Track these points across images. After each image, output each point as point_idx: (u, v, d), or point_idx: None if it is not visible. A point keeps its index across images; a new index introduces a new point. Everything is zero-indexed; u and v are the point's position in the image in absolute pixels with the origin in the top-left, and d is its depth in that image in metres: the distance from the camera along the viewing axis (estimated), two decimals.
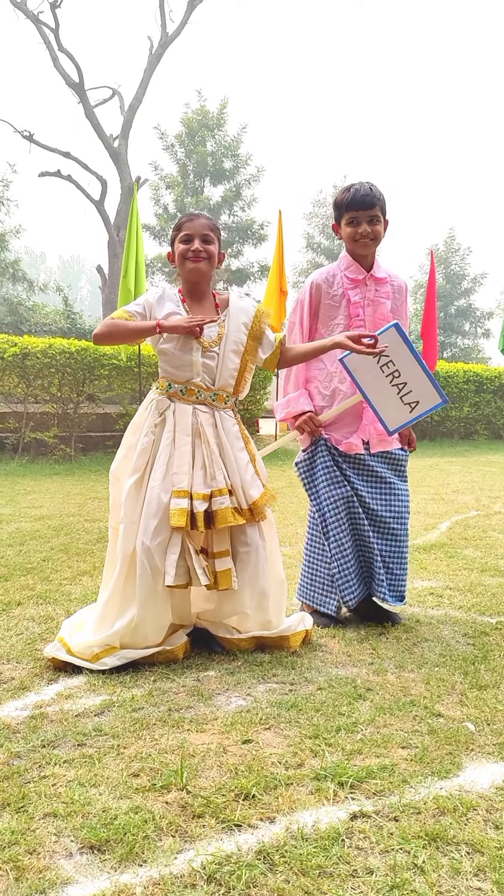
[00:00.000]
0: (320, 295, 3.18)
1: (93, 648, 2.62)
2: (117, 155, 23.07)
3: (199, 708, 2.31)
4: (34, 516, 5.83)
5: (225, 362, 2.78)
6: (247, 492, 2.75)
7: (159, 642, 2.71)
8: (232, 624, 2.87)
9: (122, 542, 2.70)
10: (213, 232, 2.79)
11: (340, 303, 3.16)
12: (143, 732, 2.13)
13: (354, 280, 3.16)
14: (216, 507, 2.66)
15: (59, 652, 2.63)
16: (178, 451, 2.70)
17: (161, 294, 2.85)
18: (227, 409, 2.82)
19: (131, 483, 2.72)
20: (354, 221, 3.11)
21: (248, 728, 2.16)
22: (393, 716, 2.26)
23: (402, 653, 2.84)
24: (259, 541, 2.79)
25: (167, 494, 2.65)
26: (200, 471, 2.70)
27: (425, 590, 3.77)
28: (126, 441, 2.88)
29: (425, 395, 3.00)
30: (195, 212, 2.82)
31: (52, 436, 9.99)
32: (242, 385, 2.86)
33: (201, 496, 2.66)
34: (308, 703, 2.33)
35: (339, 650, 2.87)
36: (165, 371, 2.81)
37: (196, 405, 2.76)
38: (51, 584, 3.77)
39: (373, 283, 3.18)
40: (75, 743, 2.06)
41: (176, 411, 2.75)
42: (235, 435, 2.80)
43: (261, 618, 2.82)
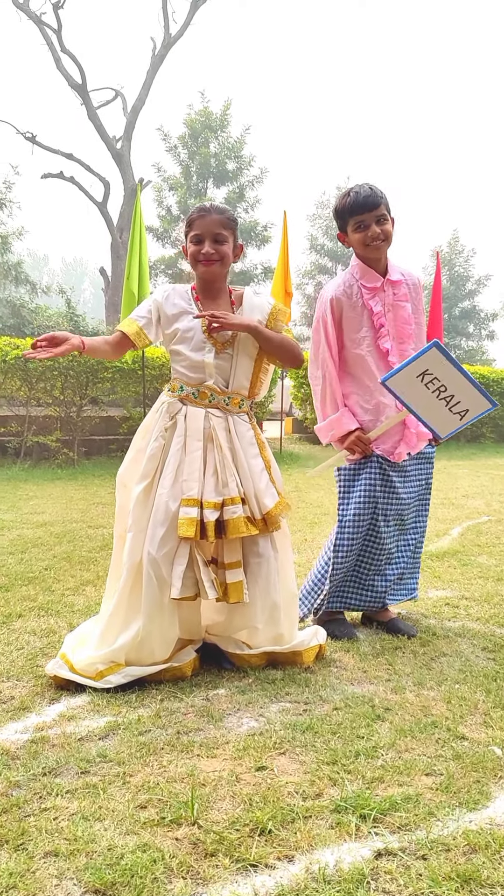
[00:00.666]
0: (342, 309, 3.06)
1: (97, 665, 2.51)
2: (120, 156, 23.01)
3: (209, 730, 2.19)
4: (36, 522, 5.72)
5: (239, 364, 2.66)
6: (261, 501, 2.64)
7: (166, 658, 2.59)
8: (242, 639, 2.75)
9: (129, 552, 2.58)
10: (227, 228, 2.66)
11: (362, 314, 3.04)
12: (150, 758, 2.01)
13: (372, 289, 3.04)
14: (228, 516, 2.55)
15: (62, 669, 2.51)
16: (189, 456, 2.59)
17: (170, 292, 2.73)
18: (242, 414, 2.71)
19: (140, 490, 2.61)
20: (362, 225, 2.98)
21: (262, 753, 2.04)
22: (414, 739, 2.14)
23: (420, 668, 2.72)
24: (271, 552, 2.68)
25: (176, 502, 2.54)
26: (212, 478, 2.59)
27: (441, 600, 3.65)
28: (135, 444, 2.77)
29: (474, 403, 2.94)
30: (207, 205, 2.68)
31: (54, 440, 9.88)
32: (258, 387, 2.75)
33: (212, 505, 2.54)
34: (324, 725, 2.21)
35: (355, 666, 2.75)
36: (177, 372, 2.69)
37: (209, 409, 2.64)
38: (53, 594, 3.66)
39: (390, 287, 3.07)
40: (78, 770, 1.95)
41: (188, 415, 2.64)
42: (250, 441, 2.69)
43: (272, 632, 2.70)
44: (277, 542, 2.72)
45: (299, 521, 5.85)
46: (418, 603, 3.59)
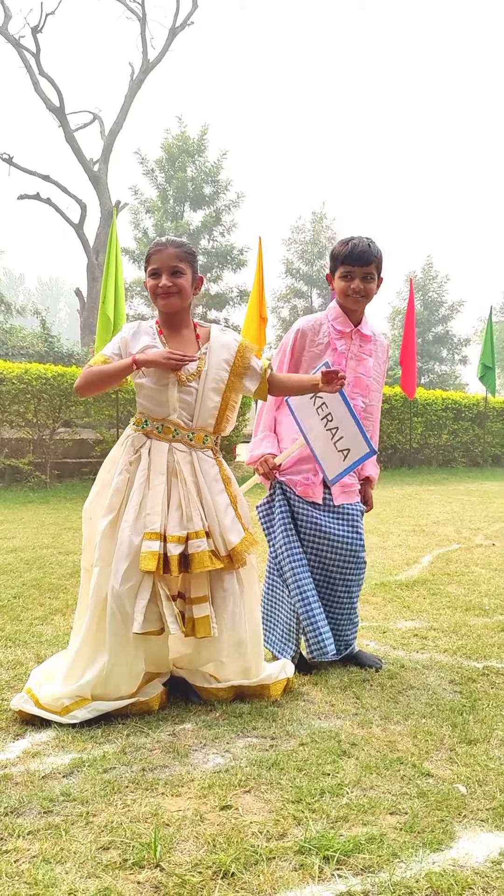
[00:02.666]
0: (304, 342, 3.10)
1: (62, 700, 2.49)
2: (97, 179, 23.08)
3: (174, 767, 2.18)
4: (6, 548, 5.67)
5: (204, 400, 2.66)
6: (226, 537, 2.63)
7: (133, 692, 2.57)
8: (209, 672, 2.74)
9: (95, 587, 2.57)
10: (184, 261, 2.66)
11: (325, 352, 3.09)
12: (114, 797, 1.99)
13: (341, 332, 3.09)
14: (192, 549, 2.54)
15: (27, 704, 2.48)
16: (152, 490, 2.58)
17: (136, 329, 2.74)
18: (206, 450, 2.70)
19: (105, 524, 2.60)
20: (349, 276, 3.02)
21: (227, 791, 2.03)
22: (380, 776, 2.15)
23: (386, 702, 2.73)
24: (237, 587, 2.67)
25: (139, 536, 2.53)
26: (176, 512, 2.58)
27: (409, 631, 3.67)
28: (100, 478, 2.76)
29: (355, 444, 2.93)
30: (164, 240, 2.68)
31: (27, 462, 9.82)
32: (224, 424, 2.75)
33: (176, 538, 2.54)
34: (290, 762, 2.21)
35: (322, 699, 2.75)
36: (142, 406, 2.69)
37: (173, 443, 2.64)
38: (21, 623, 3.62)
39: (358, 337, 3.12)
40: (41, 810, 1.92)
41: (152, 449, 2.64)
42: (214, 477, 2.69)
43: (239, 665, 2.70)
44: (243, 578, 2.72)
45: None
46: (386, 634, 3.60)
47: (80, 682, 2.52)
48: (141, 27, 23.33)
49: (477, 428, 15.79)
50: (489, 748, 2.35)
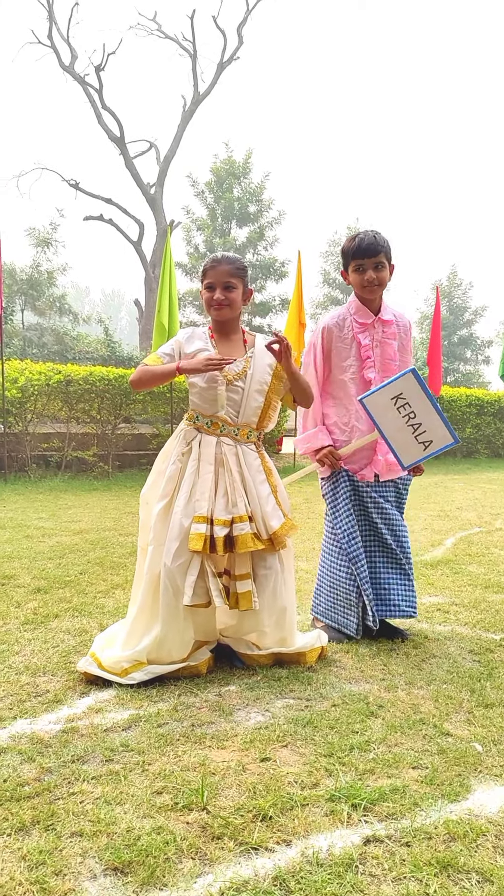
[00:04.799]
0: (332, 338, 3.10)
1: (122, 663, 2.54)
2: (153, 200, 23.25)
3: (220, 724, 2.21)
4: (74, 530, 5.77)
5: (249, 399, 2.69)
6: (267, 522, 2.66)
7: (184, 658, 2.62)
8: (252, 640, 2.77)
9: (150, 564, 2.62)
10: (235, 277, 2.70)
11: (351, 345, 3.08)
12: (166, 749, 2.04)
13: (363, 324, 3.07)
14: (237, 532, 2.57)
15: (91, 666, 2.55)
16: (202, 479, 2.62)
17: (191, 334, 2.79)
18: (250, 444, 2.73)
19: (160, 508, 2.65)
20: (361, 268, 3.01)
21: (266, 745, 2.06)
22: (404, 734, 2.15)
23: (411, 669, 2.73)
24: (278, 565, 2.70)
25: (188, 520, 2.57)
26: (222, 498, 2.61)
27: (433, 605, 3.65)
28: (156, 467, 2.81)
29: (439, 436, 2.93)
30: (219, 256, 2.71)
31: (91, 454, 9.96)
32: (266, 421, 2.78)
33: (222, 522, 2.57)
34: (323, 721, 2.23)
35: (353, 666, 2.76)
36: (194, 404, 2.74)
37: (221, 437, 2.68)
38: (86, 596, 3.70)
39: (380, 325, 3.10)
40: (103, 759, 1.98)
41: (202, 442, 2.68)
42: (257, 468, 2.71)
43: (278, 635, 2.72)
44: (283, 558, 2.74)
45: (309, 531, 5.86)
46: None
47: (137, 647, 2.57)
48: (192, 63, 23.42)
49: (498, 422, 15.52)
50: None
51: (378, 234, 3.01)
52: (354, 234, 3.04)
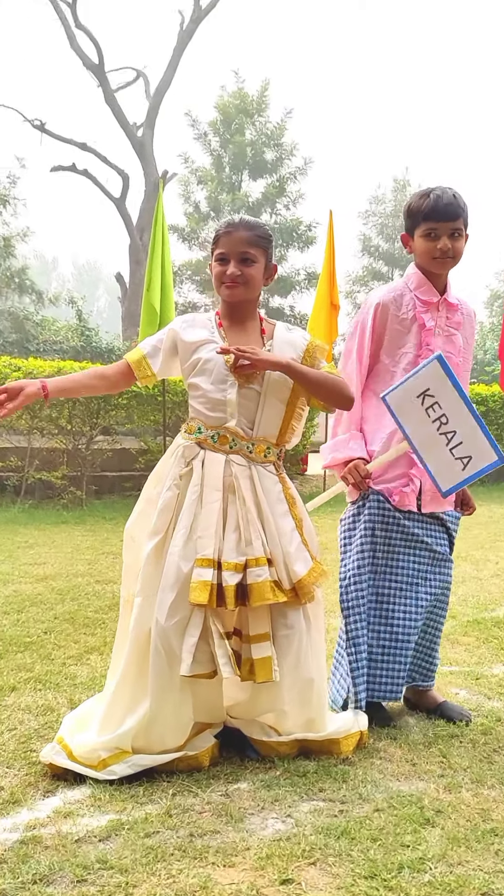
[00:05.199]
0: (386, 317, 3.10)
1: (99, 752, 2.55)
2: (141, 146, 23.50)
3: (227, 833, 2.21)
4: (36, 576, 5.81)
5: (266, 406, 2.72)
6: (290, 567, 2.67)
7: (180, 745, 2.62)
8: (269, 723, 2.77)
9: (137, 620, 2.64)
10: (256, 247, 2.72)
11: (411, 328, 3.08)
12: (157, 866, 2.04)
13: (427, 303, 3.09)
14: (252, 579, 2.58)
15: (59, 756, 2.55)
16: (206, 509, 2.64)
17: (191, 320, 2.83)
18: (268, 464, 2.76)
19: (151, 547, 2.67)
20: (433, 234, 3.02)
21: (288, 863, 2.05)
22: (470, 849, 2.14)
23: (479, 762, 2.72)
24: (303, 623, 2.70)
25: (188, 563, 2.59)
26: (233, 534, 2.63)
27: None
28: (145, 494, 2.83)
29: (478, 451, 2.88)
30: (237, 219, 2.74)
31: (60, 476, 10.02)
32: (289, 435, 2.81)
33: (233, 566, 2.58)
34: (363, 830, 2.22)
35: (401, 757, 2.75)
36: (195, 411, 2.76)
37: (230, 455, 2.70)
38: (53, 663, 3.71)
39: (445, 308, 3.12)
40: (74, 878, 1.98)
41: (206, 461, 2.69)
42: (277, 496, 2.73)
43: (303, 716, 2.72)
44: (310, 613, 2.75)
45: None
46: (479, 681, 3.57)
47: (118, 731, 2.58)
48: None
49: None
50: None
51: (458, 194, 3.03)
52: (426, 189, 3.06)
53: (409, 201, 3.09)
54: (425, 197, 3.01)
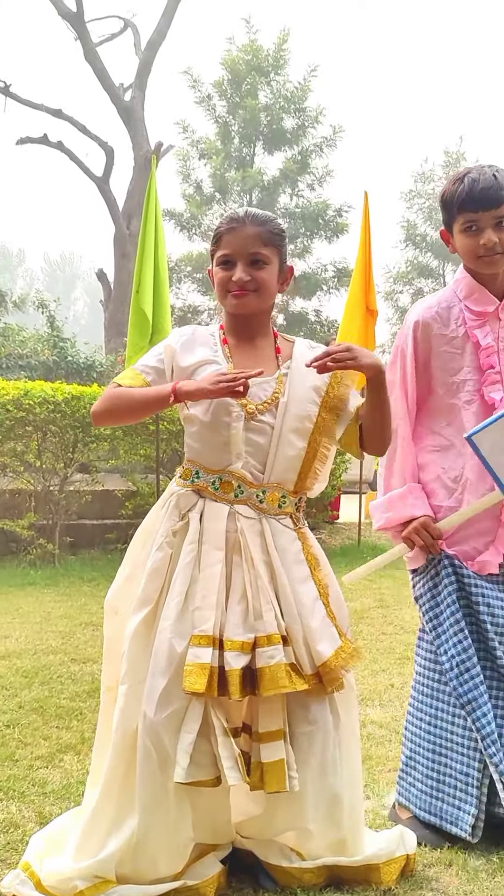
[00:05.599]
0: (430, 339, 3.12)
1: (75, 883, 2.54)
2: (129, 112, 23.75)
3: None
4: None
5: (282, 444, 2.72)
6: (313, 646, 2.66)
7: (177, 873, 2.61)
8: (290, 844, 2.76)
9: (123, 713, 2.64)
10: (268, 246, 2.74)
11: (464, 348, 3.10)
12: None
13: (481, 314, 3.10)
14: (262, 662, 2.57)
15: (24, 887, 2.55)
16: (205, 573, 2.64)
17: (190, 336, 2.84)
18: (284, 517, 2.76)
19: (138, 621, 2.67)
20: (473, 227, 3.02)
21: None
22: None
23: None
24: (329, 719, 2.69)
25: (183, 641, 2.58)
26: (238, 605, 2.63)
27: None
28: (131, 555, 2.84)
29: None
30: (241, 213, 2.77)
31: (26, 525, 10.01)
32: (311, 480, 2.82)
33: (239, 645, 2.58)
34: None
35: (459, 888, 2.73)
36: (192, 450, 2.78)
37: (235, 505, 2.71)
38: (17, 766, 3.71)
39: None
40: None
41: (205, 513, 2.71)
42: (295, 557, 2.74)
43: (332, 835, 2.71)
44: (339, 704, 2.74)
45: (385, 654, 5.83)
46: None
47: (99, 855, 2.57)
48: None
49: None
50: None
51: (500, 173, 3.02)
52: (461, 172, 3.07)
53: (443, 189, 3.11)
54: (458, 182, 3.03)
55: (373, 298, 10.21)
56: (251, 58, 24.08)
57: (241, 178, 23.43)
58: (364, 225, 10.32)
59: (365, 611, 7.44)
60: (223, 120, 24.56)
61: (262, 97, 24.17)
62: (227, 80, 24.23)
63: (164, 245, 9.06)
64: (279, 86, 24.37)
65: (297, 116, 24.39)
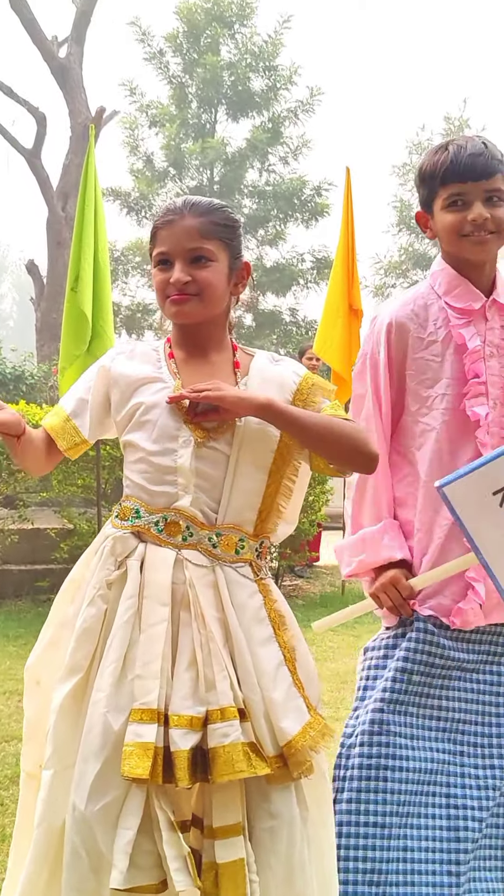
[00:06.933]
0: (406, 343, 3.11)
1: None
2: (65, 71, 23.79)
3: None
4: None
5: (239, 475, 2.71)
6: (275, 723, 2.64)
7: None
8: None
9: (47, 805, 2.62)
10: (211, 240, 2.73)
11: (444, 355, 3.08)
12: None
13: (466, 311, 3.08)
14: (215, 742, 2.54)
15: None
16: (147, 633, 2.62)
17: (129, 352, 2.86)
18: (241, 565, 2.74)
19: (65, 693, 2.66)
20: (459, 202, 2.99)
21: None
22: None
23: None
24: (295, 810, 2.67)
25: (121, 716, 2.56)
26: (187, 673, 2.61)
27: None
28: (57, 613, 2.84)
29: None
30: (179, 202, 2.76)
31: None
32: (275, 520, 2.82)
33: (187, 721, 2.56)
34: None
35: None
36: (132, 485, 2.76)
37: (183, 550, 2.70)
38: None
39: (497, 314, 3.13)
40: None
41: (146, 560, 2.69)
42: (255, 614, 2.72)
43: None
44: (307, 792, 2.72)
45: None
46: None
47: None
48: None
49: None
50: None
51: (489, 142, 3.03)
52: (443, 142, 3.07)
53: (422, 161, 3.10)
54: (441, 150, 3.03)
55: (357, 295, 10.20)
56: (211, 6, 24.19)
57: (199, 149, 23.47)
58: (346, 206, 10.32)
59: (349, 673, 7.44)
60: (178, 80, 24.65)
61: (224, 53, 24.28)
62: (182, 32, 24.33)
63: (104, 231, 8.96)
64: (245, 39, 24.49)
65: (266, 76, 24.50)
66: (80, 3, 24.21)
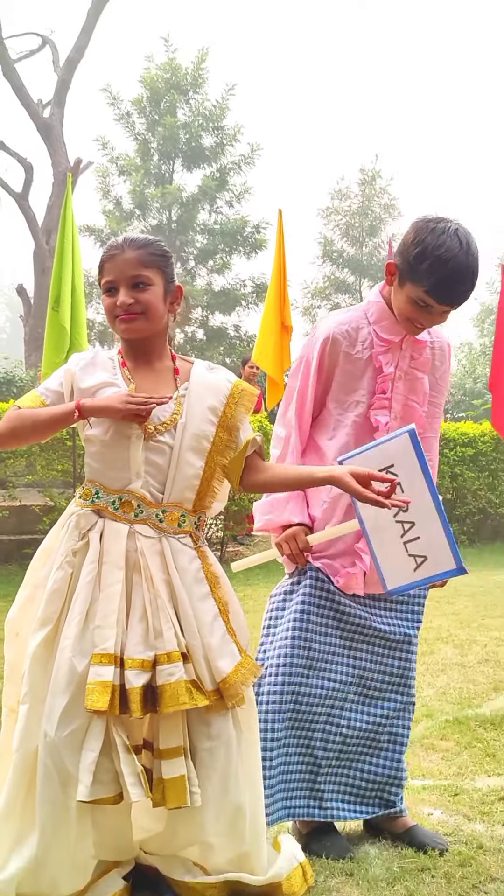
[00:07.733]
0: (337, 355, 3.15)
1: None
2: (48, 129, 23.61)
3: None
4: None
5: (181, 464, 2.73)
6: (213, 662, 2.67)
7: (79, 891, 2.59)
8: (193, 859, 2.76)
9: (23, 734, 2.61)
10: (150, 268, 2.75)
11: (365, 371, 3.14)
12: None
13: (387, 342, 3.13)
14: (162, 679, 2.57)
15: None
16: (105, 593, 2.63)
17: (90, 360, 2.84)
18: (183, 535, 2.77)
19: (38, 641, 2.65)
20: (425, 306, 2.96)
21: None
22: None
23: None
24: (231, 733, 2.70)
25: (84, 660, 2.57)
26: (139, 624, 2.62)
27: (491, 792, 3.65)
28: (31, 576, 2.83)
29: (435, 553, 2.83)
30: (119, 240, 2.78)
31: None
32: (209, 498, 2.83)
33: (139, 663, 2.57)
34: None
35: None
36: (92, 470, 2.77)
37: (135, 524, 2.71)
38: None
39: (410, 347, 3.17)
40: None
41: (105, 533, 2.70)
42: (195, 575, 2.74)
43: (234, 850, 2.71)
44: (241, 719, 2.76)
45: None
46: (458, 797, 3.58)
47: (0, 876, 2.53)
48: None
49: None
50: None
51: (476, 259, 2.93)
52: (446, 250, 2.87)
53: (418, 239, 2.92)
54: (441, 265, 2.86)
55: (287, 314, 10.22)
56: (170, 76, 24.10)
57: (160, 194, 23.41)
58: (279, 242, 10.35)
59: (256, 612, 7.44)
60: (142, 137, 24.53)
61: (180, 115, 24.19)
62: (146, 97, 24.20)
63: (80, 260, 9.02)
64: (197, 104, 24.42)
65: (215, 134, 24.44)
66: (61, 73, 24.03)
